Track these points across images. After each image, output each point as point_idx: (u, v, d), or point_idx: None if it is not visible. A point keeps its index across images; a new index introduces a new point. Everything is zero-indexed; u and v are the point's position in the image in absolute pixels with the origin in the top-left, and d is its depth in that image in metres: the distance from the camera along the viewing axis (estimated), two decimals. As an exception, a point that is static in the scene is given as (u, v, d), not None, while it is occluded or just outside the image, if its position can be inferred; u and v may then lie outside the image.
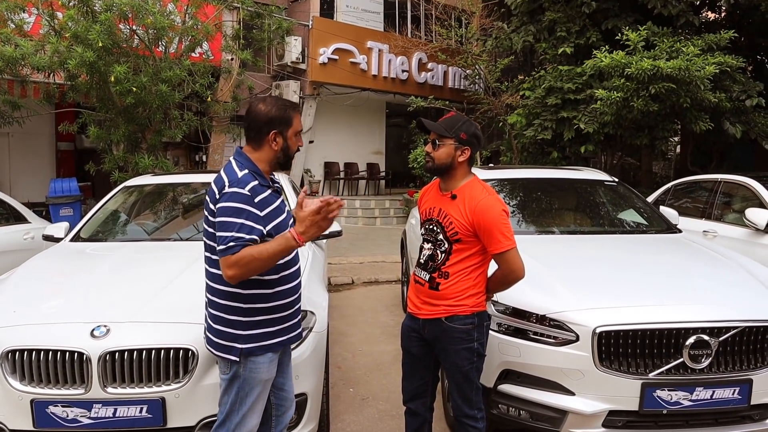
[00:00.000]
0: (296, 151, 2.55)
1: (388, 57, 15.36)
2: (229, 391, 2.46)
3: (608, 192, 5.21)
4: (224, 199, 2.31)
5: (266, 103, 2.46)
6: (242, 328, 2.40)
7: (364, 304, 7.10)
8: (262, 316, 2.43)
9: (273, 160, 2.47)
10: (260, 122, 2.43)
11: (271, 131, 2.42)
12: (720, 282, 3.59)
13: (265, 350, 2.44)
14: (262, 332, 2.43)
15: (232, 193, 2.31)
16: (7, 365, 2.78)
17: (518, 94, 11.63)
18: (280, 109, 2.45)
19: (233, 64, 10.44)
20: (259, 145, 2.46)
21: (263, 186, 2.41)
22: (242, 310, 2.40)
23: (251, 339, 2.41)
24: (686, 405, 2.99)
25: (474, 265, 2.73)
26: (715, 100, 8.72)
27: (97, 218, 4.66)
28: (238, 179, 2.35)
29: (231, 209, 2.29)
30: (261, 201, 2.36)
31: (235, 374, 2.43)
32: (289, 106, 2.51)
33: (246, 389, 2.44)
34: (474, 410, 2.82)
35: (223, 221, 2.28)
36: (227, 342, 2.41)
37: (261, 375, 2.45)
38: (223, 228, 2.28)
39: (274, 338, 2.46)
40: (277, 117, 2.43)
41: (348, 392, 4.41)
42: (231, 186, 2.33)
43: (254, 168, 2.43)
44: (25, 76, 8.02)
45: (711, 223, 6.17)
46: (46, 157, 13.12)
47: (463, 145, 2.71)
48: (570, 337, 3.07)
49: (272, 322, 2.45)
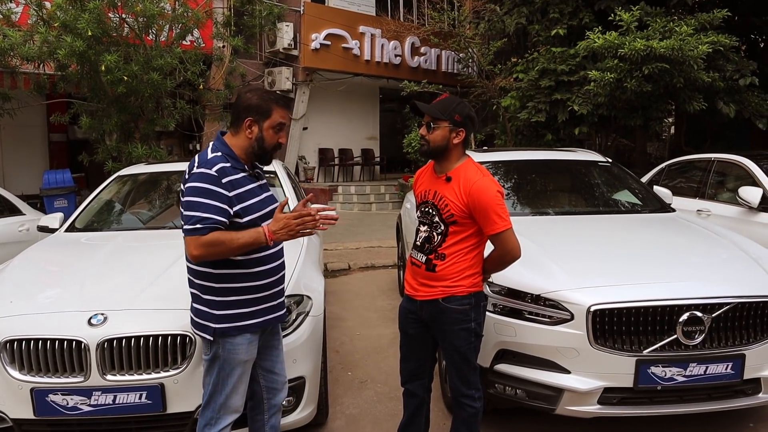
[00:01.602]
0: (274, 146, 2.53)
1: (381, 42, 15.27)
2: (211, 372, 2.50)
3: (602, 173, 5.23)
4: (192, 179, 2.36)
5: (252, 92, 2.50)
6: (215, 307, 2.45)
7: (361, 289, 7.12)
8: (235, 296, 2.45)
9: (248, 149, 2.48)
10: (239, 108, 2.48)
11: (247, 118, 2.45)
12: (713, 259, 3.62)
13: (240, 331, 2.47)
14: (235, 313, 2.45)
15: (199, 173, 2.35)
16: (6, 355, 2.79)
17: (512, 77, 11.60)
18: (260, 99, 2.47)
19: (225, 52, 10.36)
20: (237, 131, 2.50)
21: (236, 168, 2.43)
22: (214, 289, 2.44)
23: (224, 319, 2.44)
24: (680, 381, 3.02)
25: (470, 246, 2.75)
26: (709, 80, 8.70)
27: (91, 208, 4.66)
28: (207, 160, 2.39)
29: (197, 189, 2.32)
30: (230, 182, 2.38)
31: (215, 355, 2.48)
32: (273, 99, 2.51)
33: (227, 369, 2.48)
34: (471, 390, 2.85)
35: (190, 201, 2.32)
36: (202, 321, 2.47)
37: (240, 356, 2.49)
38: (190, 207, 2.31)
39: (249, 319, 2.48)
40: (255, 105, 2.46)
41: (346, 375, 4.44)
42: (199, 167, 2.38)
43: (228, 151, 2.45)
44: (15, 66, 7.95)
45: (705, 202, 6.20)
46: (39, 148, 13.05)
47: (458, 127, 2.71)
48: (565, 316, 3.09)
49: (246, 303, 2.48)
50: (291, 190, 4.88)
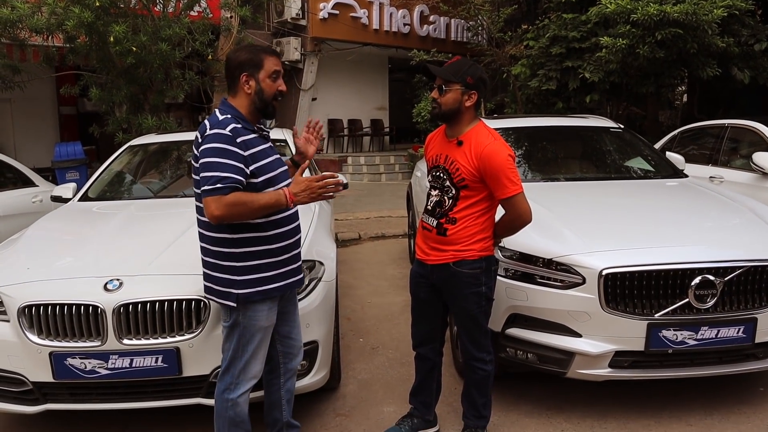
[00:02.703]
0: (275, 94, 2.52)
1: (390, 10, 15.08)
2: (231, 338, 2.52)
3: (614, 139, 5.18)
4: (206, 140, 2.36)
5: (239, 50, 2.51)
6: (238, 273, 2.44)
7: (372, 258, 7.16)
8: (256, 260, 2.46)
9: (250, 105, 2.48)
10: (232, 68, 2.47)
11: (242, 74, 2.44)
12: (725, 223, 3.61)
13: (263, 296, 2.48)
14: (258, 277, 2.46)
15: (213, 134, 2.36)
16: (25, 320, 2.84)
17: (522, 45, 11.42)
18: (249, 53, 2.48)
19: (233, 22, 10.27)
20: (235, 92, 2.50)
21: (247, 129, 2.44)
22: (234, 255, 2.44)
23: (248, 284, 2.45)
24: (691, 344, 3.03)
25: (481, 210, 2.75)
26: (723, 45, 8.53)
27: (103, 178, 4.69)
28: (219, 121, 2.39)
29: (214, 149, 2.33)
30: (244, 141, 2.39)
31: (235, 322, 2.49)
32: (261, 49, 2.52)
33: (247, 336, 2.50)
34: (483, 353, 2.88)
35: (207, 162, 2.32)
36: (224, 288, 2.46)
37: (260, 322, 2.51)
38: (208, 168, 2.31)
39: (271, 283, 2.49)
40: (246, 60, 2.46)
41: (358, 342, 4.49)
42: (212, 128, 2.38)
43: (236, 113, 2.46)
44: (24, 39, 7.93)
45: (717, 169, 6.14)
46: (50, 121, 13.09)
47: (470, 89, 2.69)
48: (576, 280, 3.09)
49: (268, 266, 2.48)
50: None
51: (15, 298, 2.87)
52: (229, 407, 2.55)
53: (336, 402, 3.57)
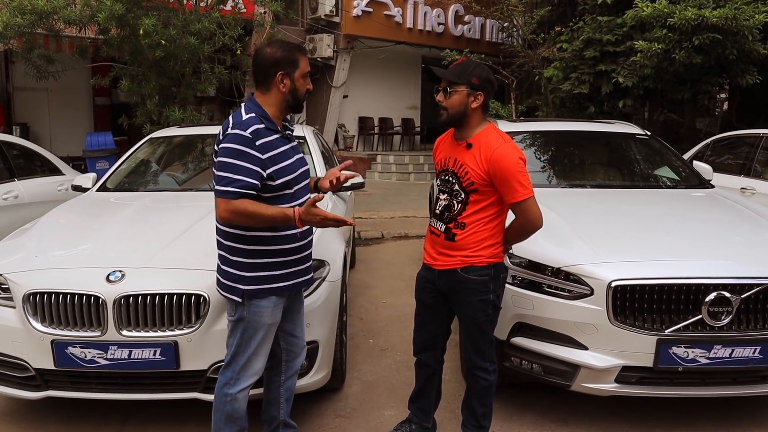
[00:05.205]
0: (305, 93, 2.55)
1: (424, 9, 15.00)
2: (235, 333, 2.52)
3: (639, 146, 5.04)
4: (227, 140, 2.36)
5: (272, 47, 2.48)
6: (245, 269, 2.45)
7: (392, 258, 7.11)
8: (266, 258, 2.46)
9: (282, 102, 2.49)
10: (267, 65, 2.45)
11: (278, 72, 2.43)
12: (746, 238, 3.46)
13: (269, 293, 2.47)
14: (265, 275, 2.46)
15: (233, 134, 2.36)
16: (29, 307, 2.88)
17: (555, 47, 11.24)
18: (285, 51, 2.46)
19: (266, 18, 10.34)
20: (268, 89, 2.48)
21: (269, 130, 2.43)
22: (245, 251, 2.45)
23: (253, 281, 2.45)
24: (703, 363, 2.91)
25: (491, 215, 2.68)
26: (765, 52, 8.27)
27: (123, 169, 4.74)
28: (242, 121, 2.38)
29: (231, 150, 2.33)
30: (264, 144, 2.38)
31: (240, 317, 2.49)
32: (295, 48, 2.52)
33: (250, 332, 2.49)
34: (486, 362, 2.81)
35: (222, 161, 2.34)
36: (231, 282, 2.47)
37: (264, 319, 2.49)
38: (222, 168, 2.33)
39: (278, 282, 2.49)
40: (282, 58, 2.44)
41: (367, 343, 4.45)
42: (234, 128, 2.37)
43: (262, 112, 2.45)
44: (59, 30, 8.09)
45: (750, 180, 5.94)
46: (84, 111, 13.36)
47: (476, 90, 2.62)
48: (585, 290, 3.00)
49: (276, 265, 2.48)
50: (319, 156, 4.83)
51: (21, 285, 2.92)
52: (227, 402, 2.55)
53: (338, 403, 3.54)
